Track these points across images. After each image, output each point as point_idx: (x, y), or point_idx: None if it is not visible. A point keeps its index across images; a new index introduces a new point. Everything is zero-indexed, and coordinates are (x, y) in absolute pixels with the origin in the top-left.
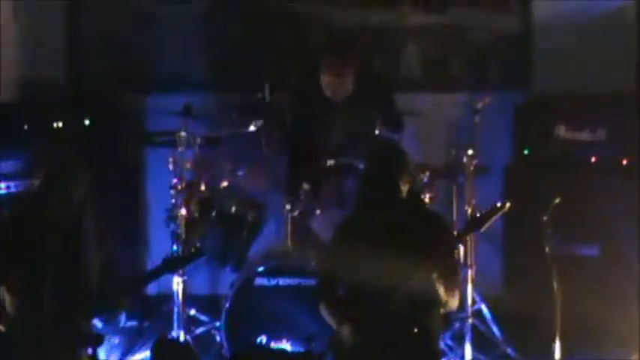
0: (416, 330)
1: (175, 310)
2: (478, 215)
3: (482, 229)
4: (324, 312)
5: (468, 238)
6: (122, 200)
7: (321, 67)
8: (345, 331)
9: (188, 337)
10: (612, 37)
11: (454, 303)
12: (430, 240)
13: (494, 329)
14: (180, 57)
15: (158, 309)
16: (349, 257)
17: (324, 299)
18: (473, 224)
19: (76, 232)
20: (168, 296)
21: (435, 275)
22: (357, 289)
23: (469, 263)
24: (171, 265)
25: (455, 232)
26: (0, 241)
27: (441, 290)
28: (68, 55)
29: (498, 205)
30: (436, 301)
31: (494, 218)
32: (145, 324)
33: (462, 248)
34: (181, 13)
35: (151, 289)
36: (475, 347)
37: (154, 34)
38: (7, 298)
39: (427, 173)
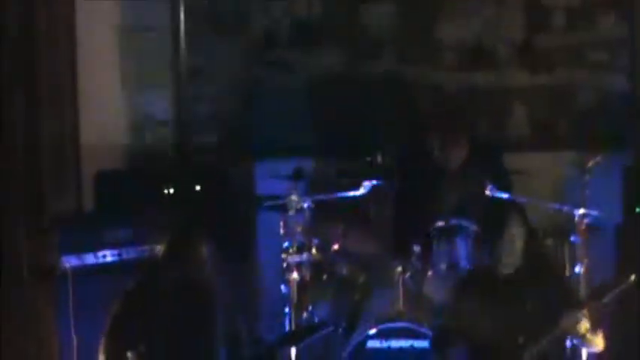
0: None
1: None
2: (600, 286)
3: (606, 300)
4: None
5: None
6: (235, 265)
7: (434, 136)
8: None
9: None
10: None
11: (598, 346)
12: (551, 299)
13: None
14: (290, 123)
15: None
16: (469, 317)
17: (440, 353)
18: (594, 295)
19: (202, 297)
20: None
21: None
22: (478, 347)
23: None
24: (296, 338)
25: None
26: (128, 309)
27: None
28: (177, 125)
29: (622, 278)
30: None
31: (617, 291)
32: None
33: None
34: (291, 80)
35: None
36: None
37: (264, 102)
38: None
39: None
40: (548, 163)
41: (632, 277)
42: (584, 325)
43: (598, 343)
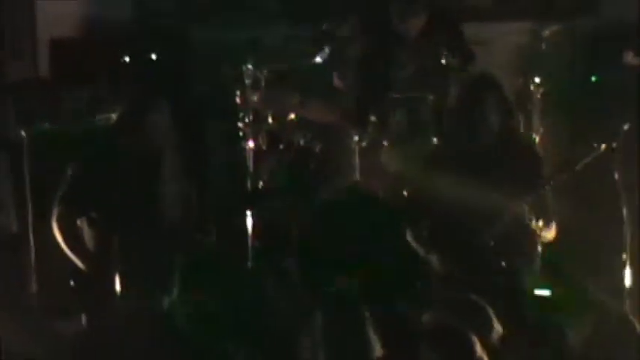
0: (503, 264)
1: (247, 241)
2: (571, 160)
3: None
4: (412, 241)
5: None
6: (191, 134)
7: (394, 4)
8: (432, 261)
9: None
10: None
11: (550, 234)
12: (523, 174)
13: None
14: None
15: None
16: (439, 188)
17: (413, 229)
18: (567, 165)
19: (152, 165)
20: None
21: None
22: (446, 220)
23: None
24: (252, 200)
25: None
26: (79, 175)
27: (536, 223)
28: None
29: (596, 147)
30: (526, 236)
31: (588, 159)
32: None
33: None
34: None
35: None
36: (544, 275)
37: None
38: (87, 232)
39: None
40: (507, 33)
41: (602, 146)
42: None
43: (550, 232)
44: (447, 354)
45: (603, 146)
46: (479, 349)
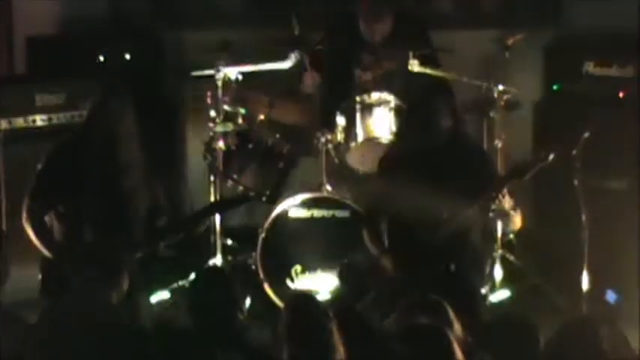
0: (453, 267)
1: (212, 239)
2: (521, 164)
3: (526, 177)
4: (367, 242)
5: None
6: (161, 134)
7: (360, 9)
8: (385, 262)
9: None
10: None
11: (516, 225)
12: (473, 175)
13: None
14: None
15: (196, 239)
16: (393, 190)
17: (368, 229)
18: (516, 172)
19: (120, 163)
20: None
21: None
22: (399, 221)
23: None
24: (219, 208)
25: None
26: (48, 170)
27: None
28: None
29: (541, 154)
30: (476, 237)
31: (538, 167)
32: (183, 253)
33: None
34: None
35: None
36: (505, 277)
37: None
38: (55, 225)
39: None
40: (471, 41)
41: (551, 155)
42: (507, 201)
43: (517, 221)
44: (425, 352)
45: (551, 156)
46: (456, 345)
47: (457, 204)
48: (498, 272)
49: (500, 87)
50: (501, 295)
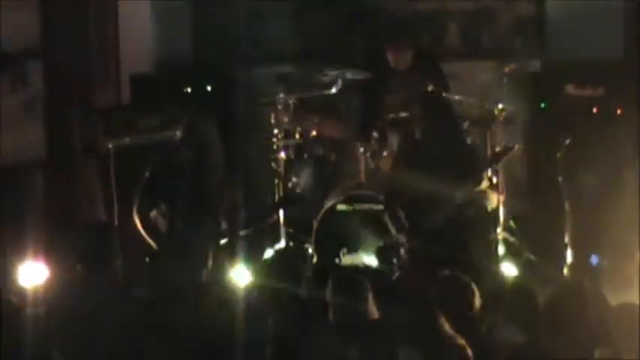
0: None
1: (281, 228)
2: (497, 152)
3: (500, 162)
4: (387, 222)
5: (498, 170)
6: (237, 147)
7: (387, 47)
8: (402, 238)
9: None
10: (605, 17)
11: (493, 202)
12: (467, 165)
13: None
14: (280, 41)
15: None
16: (407, 179)
17: (388, 212)
18: (492, 160)
19: (206, 171)
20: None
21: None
22: (412, 204)
23: (500, 190)
24: (283, 205)
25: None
26: (152, 178)
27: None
28: (192, 38)
29: (510, 146)
30: (480, 222)
31: (508, 155)
32: (256, 238)
33: (495, 178)
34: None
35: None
36: (506, 254)
37: (261, 24)
38: (159, 220)
39: (467, 122)
40: (475, 70)
41: (516, 146)
42: (484, 184)
43: (493, 198)
44: (447, 296)
45: (517, 146)
46: (477, 300)
47: (454, 185)
48: (501, 250)
49: (499, 105)
50: (504, 268)
